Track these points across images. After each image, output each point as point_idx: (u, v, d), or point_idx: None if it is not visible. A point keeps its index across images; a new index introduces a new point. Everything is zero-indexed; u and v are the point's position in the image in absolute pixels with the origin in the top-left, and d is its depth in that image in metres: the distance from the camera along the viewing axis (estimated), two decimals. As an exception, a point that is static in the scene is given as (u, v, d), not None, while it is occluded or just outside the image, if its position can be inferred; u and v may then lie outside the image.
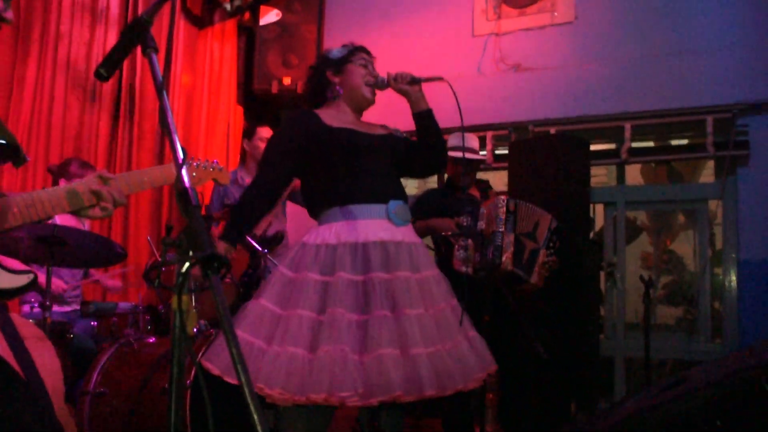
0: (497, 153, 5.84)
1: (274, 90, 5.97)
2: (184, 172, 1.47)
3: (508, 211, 4.05)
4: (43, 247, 3.39)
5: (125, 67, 5.21)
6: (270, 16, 6.10)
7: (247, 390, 1.29)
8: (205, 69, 5.99)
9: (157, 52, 1.63)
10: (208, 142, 5.90)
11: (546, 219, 4.07)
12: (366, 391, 2.36)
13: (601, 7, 5.64)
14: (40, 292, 3.41)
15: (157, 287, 3.67)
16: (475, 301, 3.53)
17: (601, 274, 5.57)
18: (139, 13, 5.18)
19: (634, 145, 5.49)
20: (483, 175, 5.36)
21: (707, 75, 5.21)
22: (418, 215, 4.26)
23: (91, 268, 4.34)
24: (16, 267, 2.03)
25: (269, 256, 4.01)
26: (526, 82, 5.77)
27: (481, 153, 4.49)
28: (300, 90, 5.85)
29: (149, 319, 3.88)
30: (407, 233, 2.72)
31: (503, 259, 3.97)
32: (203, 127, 5.87)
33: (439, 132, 2.89)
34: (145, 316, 3.87)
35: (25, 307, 3.96)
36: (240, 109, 6.28)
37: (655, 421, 2.13)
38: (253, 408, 1.21)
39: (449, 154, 4.34)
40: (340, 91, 2.88)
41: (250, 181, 4.92)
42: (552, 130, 5.60)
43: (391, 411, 2.71)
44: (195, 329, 3.49)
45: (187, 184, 1.46)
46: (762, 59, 5.05)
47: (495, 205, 4.07)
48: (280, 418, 2.73)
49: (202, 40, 6.03)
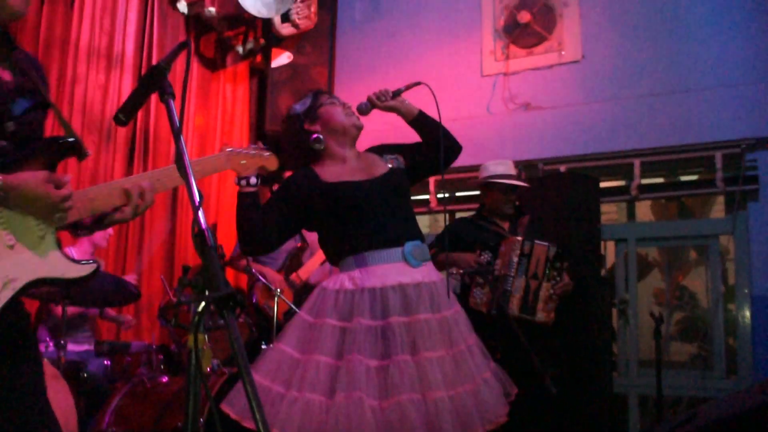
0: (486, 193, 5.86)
1: (286, 131, 6.04)
2: (201, 214, 1.52)
3: (522, 255, 4.07)
4: (58, 286, 3.43)
5: (140, 110, 5.31)
6: (281, 59, 6.21)
7: (261, 426, 1.31)
8: (218, 111, 6.08)
9: (174, 98, 1.68)
10: (221, 183, 5.97)
11: (543, 251, 4.08)
12: None
13: (608, 45, 5.72)
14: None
15: (173, 326, 3.70)
16: (487, 338, 3.55)
17: (614, 311, 5.56)
18: (153, 58, 5.33)
19: (644, 181, 5.52)
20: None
21: (715, 111, 5.25)
22: (443, 246, 4.29)
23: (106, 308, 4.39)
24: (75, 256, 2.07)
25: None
26: (536, 121, 5.83)
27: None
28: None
29: (162, 358, 3.89)
30: (426, 273, 2.69)
31: (510, 305, 3.99)
32: (216, 166, 5.93)
33: (437, 124, 2.88)
34: (158, 356, 3.88)
35: (40, 346, 3.99)
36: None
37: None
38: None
39: (485, 179, 4.37)
40: (322, 140, 2.82)
41: None
42: (562, 168, 5.64)
43: None
44: (209, 368, 3.52)
45: (203, 225, 1.50)
46: (769, 95, 5.10)
47: (511, 248, 4.09)
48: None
49: (215, 83, 6.14)
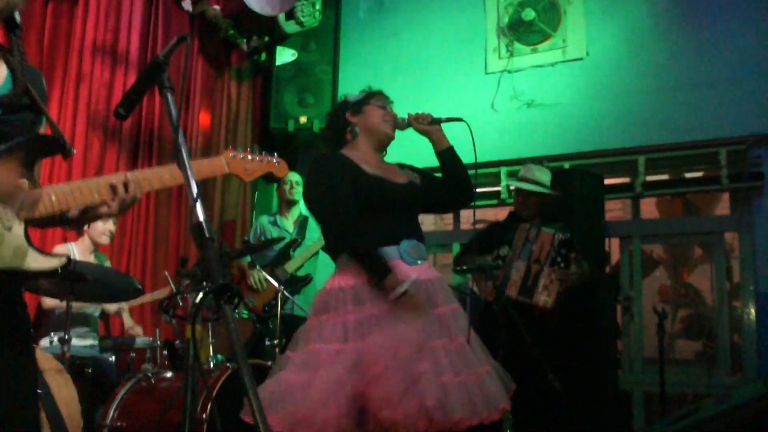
0: (512, 189, 5.88)
1: (291, 129, 6.07)
2: (199, 206, 1.53)
3: (527, 239, 4.12)
4: (62, 282, 3.45)
5: (144, 108, 5.33)
6: (286, 57, 6.23)
7: (258, 417, 1.32)
8: (222, 109, 6.10)
9: (173, 92, 1.69)
10: (226, 180, 5.99)
11: (548, 236, 4.11)
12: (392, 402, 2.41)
13: (612, 42, 5.71)
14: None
15: (172, 316, 3.72)
16: (490, 335, 3.56)
17: (618, 309, 5.55)
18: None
19: (649, 178, 5.50)
20: (499, 211, 5.41)
21: (720, 107, 5.23)
22: (477, 249, 4.36)
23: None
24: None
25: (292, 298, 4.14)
26: (540, 118, 5.83)
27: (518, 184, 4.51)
28: (316, 129, 5.95)
29: (166, 353, 3.91)
30: (422, 270, 2.75)
31: (509, 288, 4.04)
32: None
33: (463, 167, 2.96)
34: (162, 351, 3.90)
35: (45, 341, 4.02)
36: (257, 148, 6.36)
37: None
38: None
39: (517, 186, 4.45)
40: (357, 131, 2.92)
41: (282, 222, 5.23)
42: (566, 165, 5.63)
43: None
44: (212, 363, 3.53)
45: (201, 217, 1.51)
46: (774, 91, 5.08)
47: (518, 234, 4.17)
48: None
49: (219, 81, 6.15)
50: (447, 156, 2.94)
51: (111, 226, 4.33)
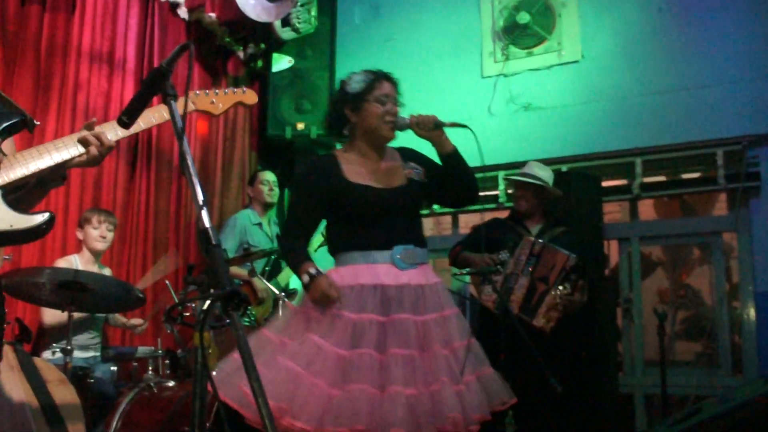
0: (510, 192, 5.88)
1: (288, 135, 6.07)
2: (205, 213, 1.53)
3: (531, 254, 4.08)
4: (64, 292, 3.45)
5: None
6: (282, 63, 6.24)
7: (268, 422, 1.33)
8: (220, 116, 6.09)
9: (177, 99, 1.70)
10: (224, 187, 5.99)
11: (561, 258, 4.06)
12: (330, 420, 2.39)
13: (607, 44, 5.73)
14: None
15: (179, 323, 3.72)
16: (491, 338, 3.55)
17: (618, 311, 5.56)
18: (154, 64, 5.35)
19: (646, 180, 5.52)
20: (496, 215, 5.40)
21: (716, 108, 5.25)
22: (472, 245, 4.34)
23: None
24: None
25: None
26: (536, 121, 5.84)
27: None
28: (313, 135, 5.97)
29: (168, 363, 3.90)
30: (413, 276, 2.72)
31: (510, 303, 4.00)
32: (218, 173, 5.97)
33: (467, 169, 2.89)
34: (164, 360, 3.90)
35: (48, 353, 4.00)
36: (255, 155, 6.39)
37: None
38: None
39: (514, 178, 4.45)
40: (354, 130, 2.88)
41: (266, 228, 5.20)
42: (564, 168, 5.64)
43: None
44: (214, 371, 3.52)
45: (207, 224, 1.51)
46: (770, 91, 5.10)
47: (522, 247, 4.12)
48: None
49: (216, 88, 6.14)
50: (451, 159, 2.84)
51: (104, 231, 4.27)
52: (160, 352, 3.93)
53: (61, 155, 1.98)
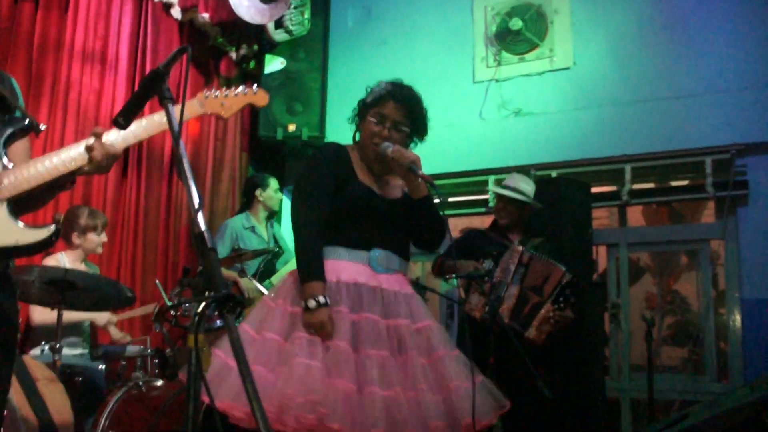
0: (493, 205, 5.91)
1: (279, 137, 6.08)
2: (200, 216, 1.54)
3: (520, 264, 4.09)
4: (53, 290, 3.45)
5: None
6: (275, 65, 6.24)
7: (262, 424, 1.34)
8: (211, 117, 6.08)
9: (174, 102, 1.71)
10: (215, 187, 6.00)
11: (558, 273, 4.07)
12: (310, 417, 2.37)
13: (599, 52, 5.77)
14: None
15: (162, 326, 3.72)
16: (480, 342, 3.58)
17: (606, 316, 5.59)
18: (147, 64, 5.35)
19: (635, 186, 5.56)
20: (486, 220, 5.43)
21: (705, 117, 5.30)
22: (453, 253, 4.35)
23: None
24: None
25: None
26: (527, 127, 5.87)
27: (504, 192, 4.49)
28: (304, 137, 5.98)
29: (157, 362, 3.90)
30: (389, 281, 2.72)
31: (501, 311, 4.01)
32: (209, 173, 5.97)
33: (435, 216, 2.85)
34: (153, 360, 3.89)
35: (36, 350, 4.00)
36: (246, 156, 6.39)
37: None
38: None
39: (497, 191, 4.45)
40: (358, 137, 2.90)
41: (260, 230, 5.20)
42: (553, 174, 5.67)
43: None
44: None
45: (203, 227, 1.52)
46: (759, 101, 5.15)
47: (510, 256, 4.13)
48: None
49: (208, 89, 6.14)
50: (419, 205, 2.82)
51: (104, 237, 4.34)
52: (149, 351, 3.93)
53: (68, 164, 1.98)
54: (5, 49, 4.49)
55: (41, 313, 3.98)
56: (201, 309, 1.42)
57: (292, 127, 6.04)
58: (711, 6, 5.46)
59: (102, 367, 4.03)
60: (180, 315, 3.70)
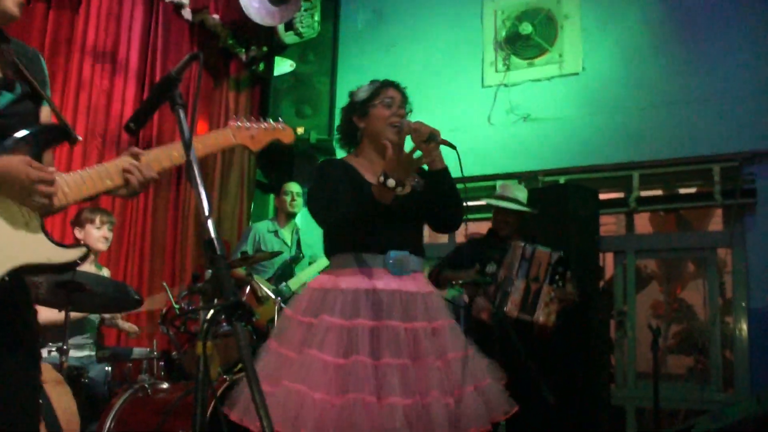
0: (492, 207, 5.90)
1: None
2: (210, 222, 1.54)
3: (523, 258, 4.12)
4: (61, 292, 3.45)
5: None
6: (284, 67, 6.25)
7: (267, 429, 1.34)
8: (220, 118, 6.11)
9: (185, 108, 1.71)
10: (223, 190, 6.00)
11: (545, 255, 4.13)
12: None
13: (608, 58, 5.76)
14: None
15: (168, 328, 3.73)
16: (485, 348, 3.57)
17: (612, 323, 5.58)
18: (157, 65, 5.36)
19: (643, 193, 5.56)
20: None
21: (714, 124, 5.29)
22: (453, 264, 4.36)
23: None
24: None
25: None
26: (535, 132, 5.87)
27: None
28: (313, 140, 5.98)
29: (163, 364, 3.91)
30: (405, 283, 2.70)
31: (509, 306, 4.03)
32: (218, 176, 5.98)
33: (453, 191, 2.83)
34: (159, 362, 3.90)
35: (43, 351, 4.00)
36: (254, 159, 6.40)
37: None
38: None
39: (498, 204, 4.42)
40: (361, 136, 2.87)
41: (283, 234, 5.23)
42: (561, 180, 5.67)
43: None
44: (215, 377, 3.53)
45: (213, 234, 1.53)
46: (767, 108, 5.13)
47: (513, 253, 4.16)
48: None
49: (217, 90, 6.17)
50: (438, 177, 2.78)
51: (106, 232, 4.28)
52: (155, 353, 3.93)
53: (99, 186, 1.92)
54: (16, 49, 4.51)
55: (47, 312, 3.98)
56: (210, 316, 1.42)
57: (300, 130, 6.04)
58: (721, 13, 5.44)
59: (108, 369, 4.03)
60: (189, 319, 3.70)
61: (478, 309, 4.13)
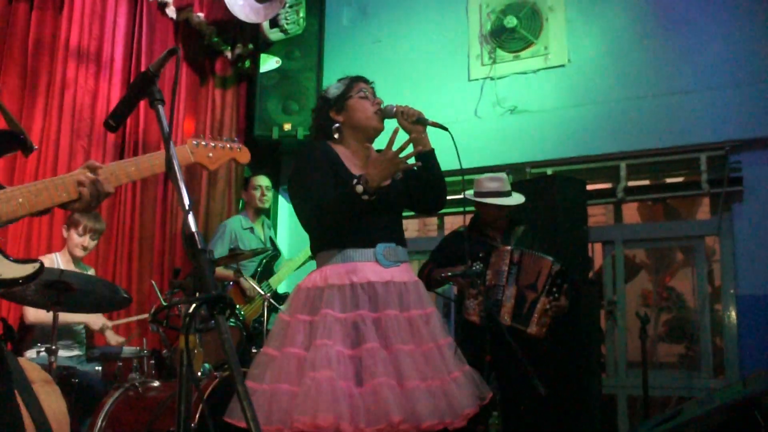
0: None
1: (275, 136, 6.09)
2: (191, 217, 1.54)
3: (511, 263, 4.09)
4: (49, 292, 3.44)
5: (129, 117, 5.32)
6: (270, 64, 6.24)
7: (253, 425, 1.35)
8: (207, 116, 6.10)
9: (164, 104, 1.71)
10: (211, 188, 5.99)
11: (546, 264, 4.08)
12: (361, 419, 2.39)
13: (593, 50, 5.78)
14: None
15: (166, 327, 3.72)
16: (477, 341, 3.58)
17: (602, 313, 5.60)
18: (142, 63, 5.35)
19: (630, 183, 5.58)
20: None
21: (700, 113, 5.31)
22: (437, 259, 4.33)
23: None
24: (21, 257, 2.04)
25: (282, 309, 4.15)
26: (522, 124, 5.88)
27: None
28: (300, 136, 5.98)
29: (153, 363, 3.91)
30: (396, 273, 2.74)
31: (501, 314, 4.01)
32: (205, 174, 5.96)
33: (438, 173, 2.89)
34: (149, 361, 3.90)
35: (32, 352, 4.00)
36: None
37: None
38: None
39: (486, 201, 4.34)
40: (343, 131, 2.88)
41: (258, 231, 5.20)
42: (549, 171, 5.68)
43: None
44: (199, 372, 3.53)
45: (193, 228, 1.53)
46: (753, 97, 5.16)
47: (499, 258, 4.11)
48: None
49: (204, 88, 6.15)
50: (424, 158, 2.84)
51: (87, 241, 4.27)
52: (146, 352, 3.93)
53: (55, 198, 1.89)
54: (0, 50, 4.49)
55: (35, 312, 3.97)
56: (191, 310, 1.42)
57: (287, 127, 6.05)
58: (705, 3, 5.47)
59: (98, 368, 4.03)
60: (175, 315, 3.70)
61: (468, 312, 4.11)
